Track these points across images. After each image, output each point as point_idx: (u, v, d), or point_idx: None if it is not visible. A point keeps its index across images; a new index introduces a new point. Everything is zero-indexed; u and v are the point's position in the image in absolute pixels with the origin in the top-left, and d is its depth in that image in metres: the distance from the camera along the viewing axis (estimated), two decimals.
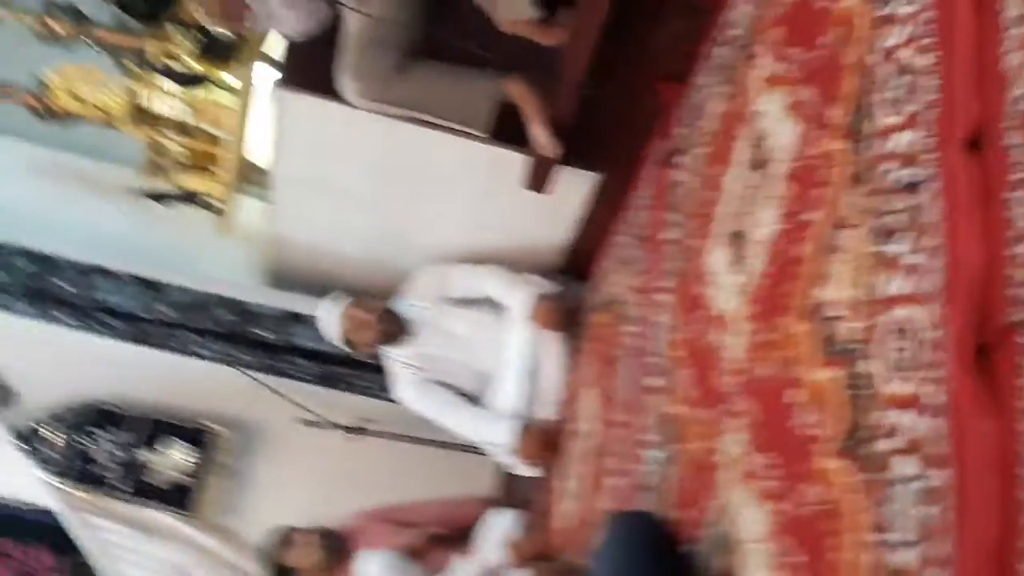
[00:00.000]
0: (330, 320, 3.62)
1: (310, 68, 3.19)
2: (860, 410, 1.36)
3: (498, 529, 3.50)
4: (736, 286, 1.94)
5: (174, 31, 3.76)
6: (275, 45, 3.80)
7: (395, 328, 3.59)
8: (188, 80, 3.68)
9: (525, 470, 3.57)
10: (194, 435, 4.09)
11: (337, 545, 3.50)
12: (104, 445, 3.99)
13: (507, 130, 3.08)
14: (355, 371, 4.08)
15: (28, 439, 3.94)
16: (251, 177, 4.17)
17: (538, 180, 3.21)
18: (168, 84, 3.80)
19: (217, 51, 3.80)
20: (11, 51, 4.14)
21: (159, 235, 4.25)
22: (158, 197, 4.08)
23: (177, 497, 4.03)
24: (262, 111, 3.85)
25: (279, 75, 3.30)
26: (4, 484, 4.03)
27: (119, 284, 3.94)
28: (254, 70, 3.75)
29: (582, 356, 3.42)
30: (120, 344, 4.00)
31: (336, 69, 3.00)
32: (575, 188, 3.35)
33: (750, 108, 2.05)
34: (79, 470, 3.96)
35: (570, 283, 3.76)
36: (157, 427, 4.07)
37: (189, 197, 4.06)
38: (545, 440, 3.42)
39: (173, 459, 4.04)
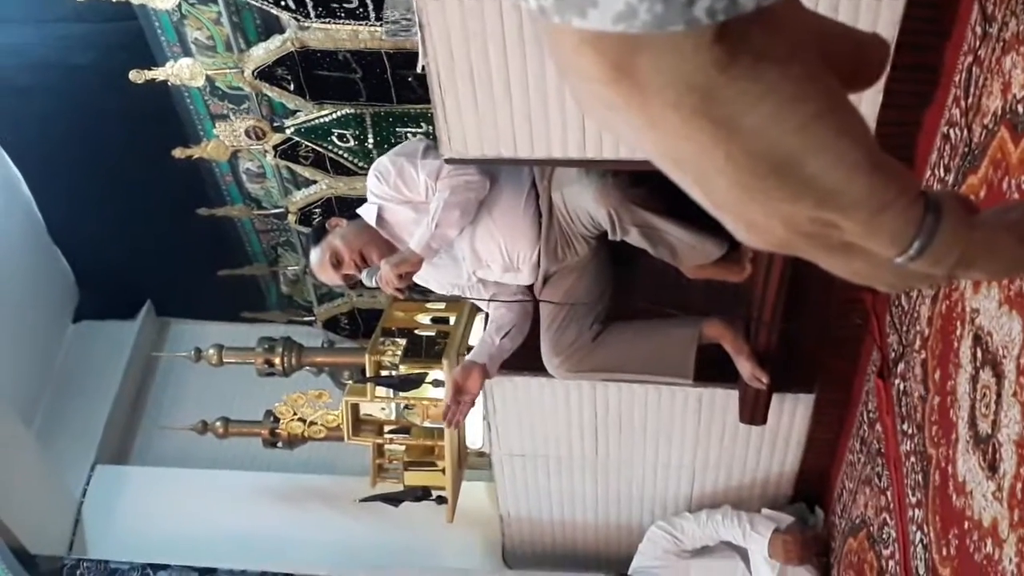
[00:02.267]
0: None
1: None
2: None
3: None
4: (993, 491, 1.84)
5: (381, 341, 4.01)
6: (474, 333, 3.99)
7: None
8: (403, 384, 3.88)
9: None
10: None
11: None
12: None
13: (712, 369, 3.09)
14: None
15: None
16: (472, 462, 4.28)
17: (753, 412, 3.18)
18: (384, 390, 4.01)
19: (423, 350, 4.02)
20: (245, 390, 4.51)
21: (394, 536, 4.36)
22: (387, 499, 4.21)
23: None
24: None
25: None
26: None
27: None
28: (459, 360, 3.92)
29: None
30: None
31: (542, 349, 3.12)
32: (793, 413, 3.30)
33: (964, 306, 2.02)
34: None
35: (806, 511, 3.64)
36: None
37: (416, 493, 4.18)
38: None
39: None
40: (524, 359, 3.26)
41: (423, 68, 2.49)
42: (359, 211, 3.05)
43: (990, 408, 1.86)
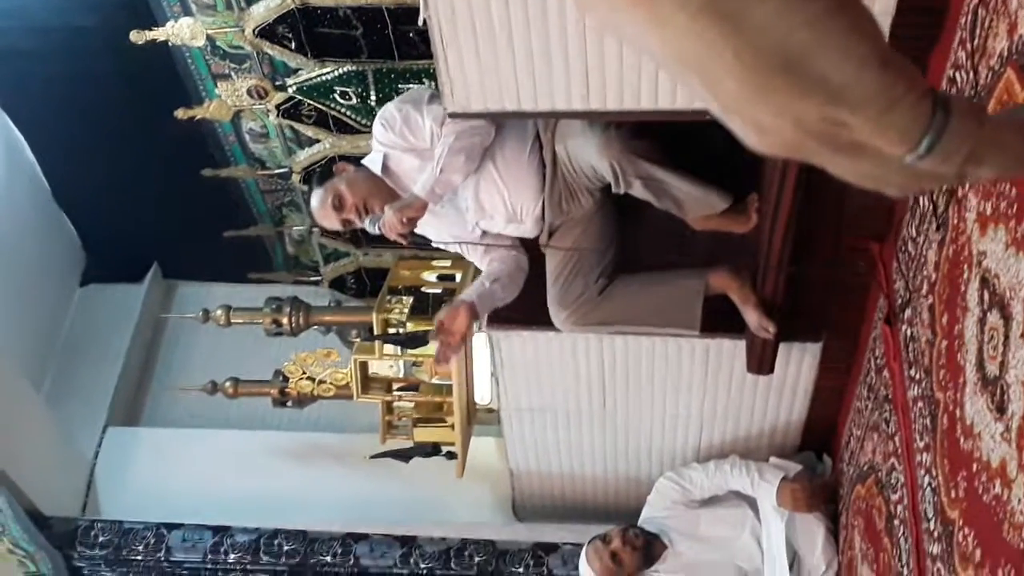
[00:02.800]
0: (584, 572, 3.58)
1: (515, 303, 3.34)
2: None
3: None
4: (1001, 432, 1.85)
5: (388, 299, 4.03)
6: None
7: (646, 546, 3.53)
8: (410, 341, 3.89)
9: None
10: None
11: None
12: None
13: (719, 320, 3.10)
14: None
15: None
16: (481, 417, 4.31)
17: (760, 362, 3.19)
18: (392, 348, 4.03)
19: (430, 307, 4.03)
20: (253, 351, 4.53)
21: (405, 492, 4.40)
22: (398, 455, 4.25)
23: None
24: (481, 353, 4.03)
25: (487, 316, 3.45)
26: None
27: (377, 546, 4.07)
28: None
29: (846, 533, 3.28)
30: None
31: (548, 302, 3.12)
32: (800, 362, 3.31)
33: (971, 250, 2.01)
34: None
35: (814, 459, 3.67)
36: None
37: (426, 449, 4.22)
38: None
39: None
40: (530, 313, 3.27)
41: (424, 22, 2.47)
42: (364, 161, 3.05)
43: (998, 350, 1.86)
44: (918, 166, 0.70)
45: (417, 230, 3.01)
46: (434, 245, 3.23)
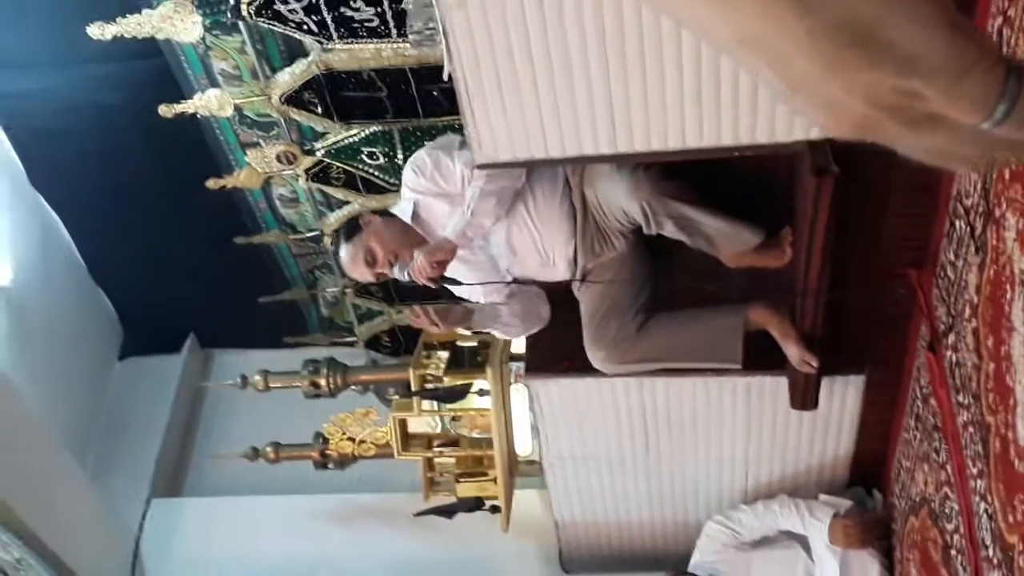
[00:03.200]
0: None
1: (552, 352, 3.34)
2: None
3: None
4: None
5: (424, 355, 4.03)
6: (516, 341, 4.00)
7: None
8: (448, 396, 3.90)
9: None
10: None
11: None
12: None
13: (759, 357, 3.08)
14: None
15: None
16: (523, 470, 4.28)
17: (804, 398, 3.16)
18: (430, 404, 4.03)
19: (466, 361, 4.04)
20: (293, 415, 4.54)
21: (451, 549, 4.37)
22: (441, 512, 4.22)
23: None
24: (520, 404, 4.01)
25: (525, 366, 3.45)
26: None
27: None
28: (503, 369, 3.94)
29: (902, 568, 3.21)
30: None
31: (585, 344, 3.11)
32: (844, 395, 3.27)
33: (1012, 269, 1.99)
34: None
35: (864, 494, 3.61)
36: None
37: (470, 504, 4.18)
38: None
39: None
40: (568, 360, 3.26)
41: (449, 76, 2.51)
42: (394, 209, 3.07)
43: None
44: (993, 134, 0.70)
45: (447, 272, 3.01)
46: (460, 295, 3.23)
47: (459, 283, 3.10)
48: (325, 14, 3.53)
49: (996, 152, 0.74)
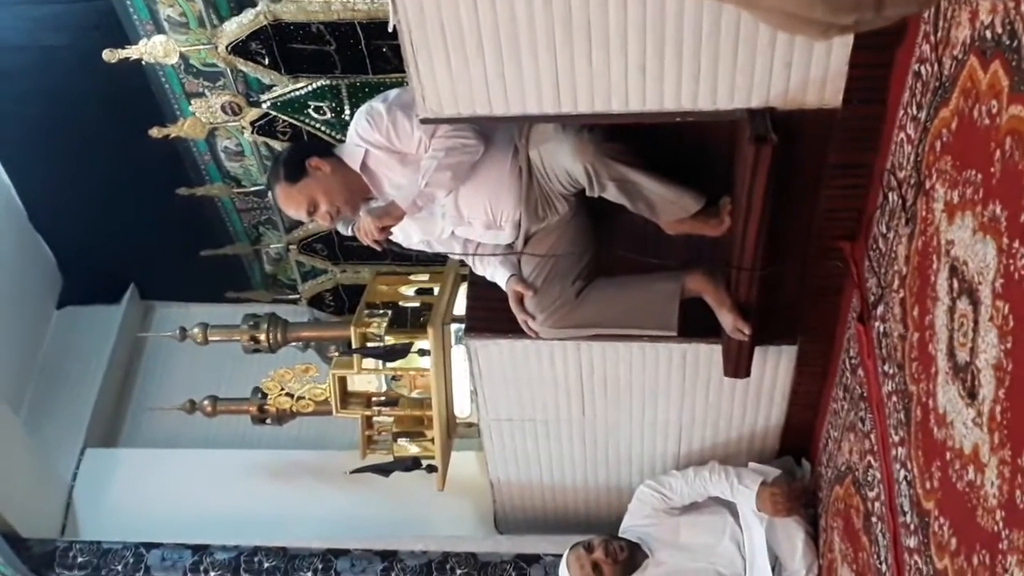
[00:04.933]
0: None
1: (492, 313, 3.35)
2: None
3: None
4: (973, 418, 1.86)
5: (366, 314, 4.03)
6: (457, 302, 4.01)
7: (628, 556, 3.51)
8: (389, 354, 3.90)
9: None
10: None
11: None
12: None
13: (695, 325, 3.11)
14: None
15: None
16: (461, 432, 4.30)
17: (737, 366, 3.20)
18: (371, 362, 4.02)
19: (408, 321, 4.04)
20: (232, 370, 4.52)
21: (386, 507, 4.38)
22: (378, 470, 4.23)
23: None
24: (459, 365, 4.02)
25: (465, 326, 3.46)
26: None
27: (357, 562, 4.04)
28: (444, 329, 3.94)
29: (826, 536, 3.28)
30: None
31: (526, 307, 3.12)
32: (777, 365, 3.32)
33: (939, 240, 2.03)
34: None
35: (793, 464, 3.68)
36: None
37: (407, 463, 4.20)
38: None
39: None
40: (507, 322, 3.28)
41: (394, 27, 2.49)
42: (341, 153, 3.00)
43: (968, 336, 1.88)
44: None
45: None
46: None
47: (402, 247, 3.09)
48: None
49: (843, 8, 0.74)
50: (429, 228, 3.06)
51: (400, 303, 4.20)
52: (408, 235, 3.11)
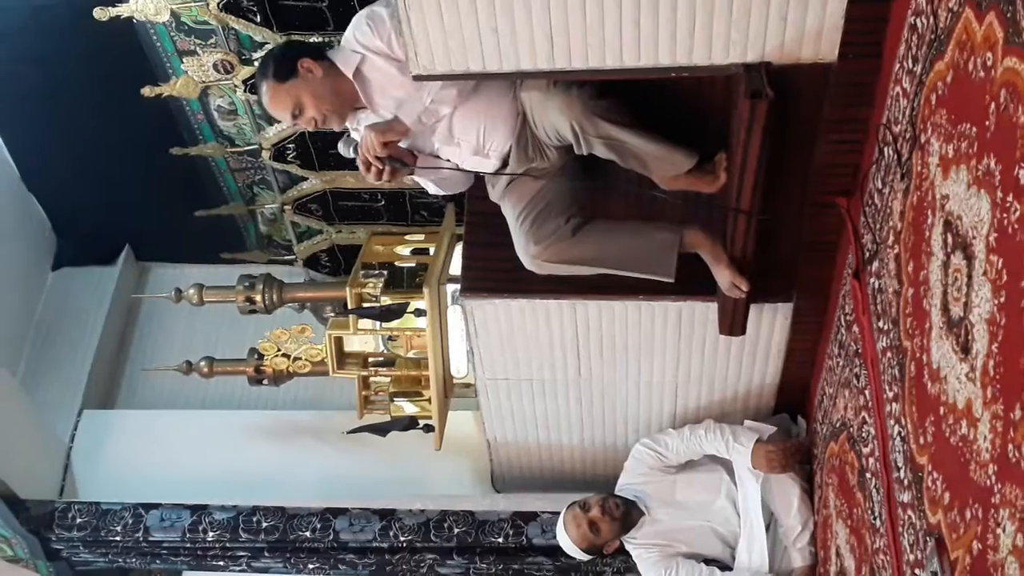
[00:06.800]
0: (562, 537, 3.60)
1: (488, 273, 3.34)
2: None
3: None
4: (966, 372, 1.86)
5: (362, 274, 4.02)
6: (453, 262, 4.00)
7: (624, 514, 3.53)
8: (386, 314, 3.89)
9: None
10: None
11: None
12: None
13: (691, 282, 3.10)
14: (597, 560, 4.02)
15: None
16: (459, 392, 4.31)
17: (732, 323, 3.19)
18: (367, 322, 4.02)
19: (404, 281, 4.04)
20: (228, 331, 4.52)
21: (384, 466, 4.39)
22: (375, 429, 4.24)
23: None
24: (455, 325, 4.02)
25: (461, 286, 3.44)
26: None
27: (356, 520, 4.06)
28: (440, 289, 3.94)
29: (821, 492, 3.30)
30: None
31: (516, 248, 3.07)
32: (772, 323, 3.32)
33: (934, 194, 2.02)
34: None
35: (788, 421, 3.68)
36: None
37: (404, 423, 4.21)
38: None
39: None
40: (504, 282, 3.27)
41: None
42: (335, 57, 2.90)
43: (961, 291, 1.87)
44: None
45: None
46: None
47: (405, 164, 2.94)
48: None
49: None
50: (420, 144, 2.98)
51: (396, 263, 4.19)
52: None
